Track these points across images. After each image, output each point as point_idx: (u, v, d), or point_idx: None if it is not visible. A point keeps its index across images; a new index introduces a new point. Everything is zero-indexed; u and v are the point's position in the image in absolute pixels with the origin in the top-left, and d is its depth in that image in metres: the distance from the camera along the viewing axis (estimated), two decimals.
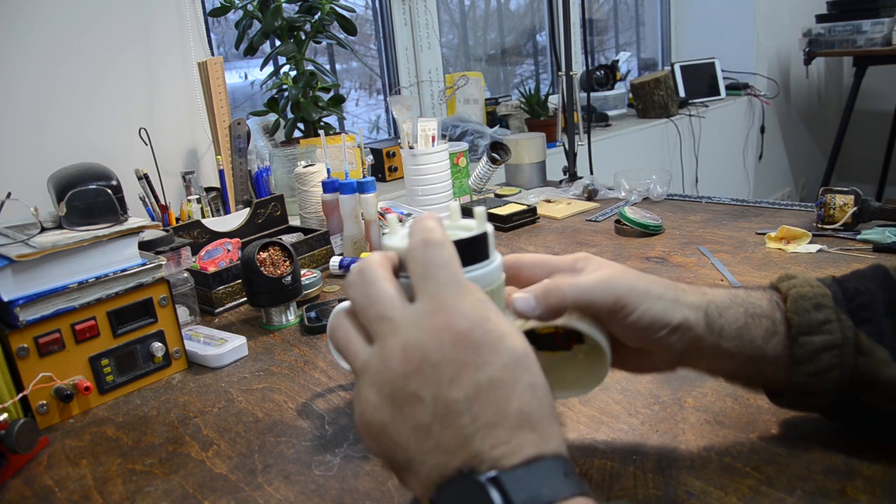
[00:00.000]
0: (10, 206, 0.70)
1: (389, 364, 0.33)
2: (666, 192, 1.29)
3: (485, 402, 0.32)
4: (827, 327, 0.42)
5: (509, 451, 0.31)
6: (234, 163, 1.31)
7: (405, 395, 0.32)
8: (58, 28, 1.21)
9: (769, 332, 0.44)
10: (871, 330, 0.42)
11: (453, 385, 0.32)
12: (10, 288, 0.64)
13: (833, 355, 0.42)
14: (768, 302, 0.45)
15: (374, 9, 2.03)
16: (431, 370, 0.32)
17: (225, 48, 1.76)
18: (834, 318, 0.43)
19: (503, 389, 0.32)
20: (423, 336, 0.33)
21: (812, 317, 0.43)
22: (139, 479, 0.56)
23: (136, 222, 0.72)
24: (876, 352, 0.41)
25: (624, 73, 2.61)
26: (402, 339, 0.33)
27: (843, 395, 0.43)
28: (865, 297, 0.43)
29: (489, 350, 0.33)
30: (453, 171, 1.29)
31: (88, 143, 1.25)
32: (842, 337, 0.42)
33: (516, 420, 0.32)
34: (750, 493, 0.46)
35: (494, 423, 0.31)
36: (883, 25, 2.66)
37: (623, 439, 0.54)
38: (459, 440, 0.31)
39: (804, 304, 0.43)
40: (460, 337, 0.33)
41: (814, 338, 0.42)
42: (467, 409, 0.32)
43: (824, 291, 0.44)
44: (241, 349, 0.78)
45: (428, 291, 0.34)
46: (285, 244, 0.86)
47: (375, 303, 0.35)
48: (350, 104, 2.07)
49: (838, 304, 0.43)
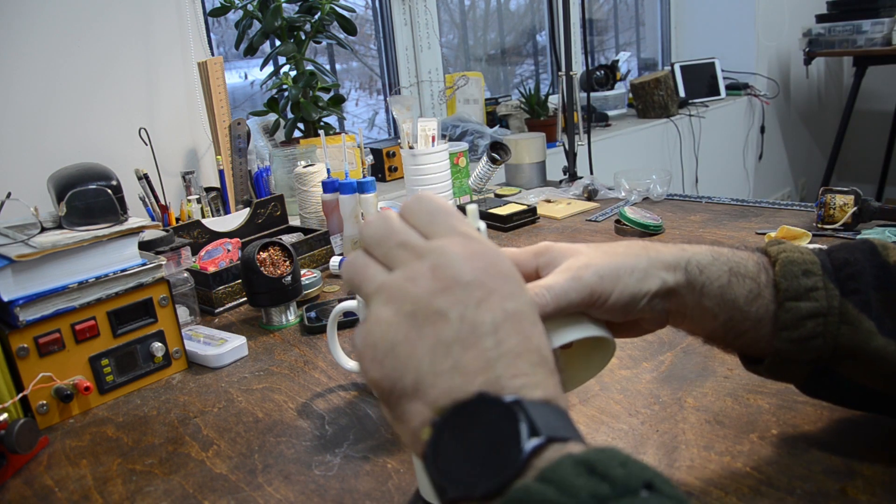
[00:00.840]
0: (10, 206, 0.70)
1: (415, 282, 0.32)
2: (666, 192, 1.29)
3: (510, 331, 0.31)
4: (814, 294, 0.42)
5: (531, 383, 0.30)
6: (234, 163, 1.31)
7: (428, 313, 0.31)
8: (58, 28, 1.21)
9: (753, 294, 0.43)
10: (858, 300, 0.41)
11: (482, 307, 0.31)
12: (10, 288, 0.64)
13: (817, 323, 0.41)
14: (754, 264, 0.44)
15: (374, 9, 2.03)
16: (461, 290, 0.31)
17: (225, 48, 1.76)
18: (821, 285, 0.42)
19: (527, 324, 0.32)
20: (455, 258, 0.32)
21: (800, 282, 0.42)
22: (139, 479, 0.56)
23: (136, 222, 0.72)
24: (862, 322, 0.41)
25: (624, 73, 2.61)
26: (431, 261, 0.32)
27: (820, 366, 0.43)
28: (853, 268, 0.42)
29: (517, 284, 0.33)
30: (453, 171, 1.29)
31: (88, 143, 1.25)
32: (827, 305, 0.41)
33: (537, 357, 0.31)
34: (750, 493, 0.46)
35: (518, 353, 0.31)
36: (883, 25, 2.66)
37: (623, 439, 0.54)
38: (481, 363, 0.30)
39: (793, 269, 0.42)
40: (492, 264, 0.33)
41: (800, 304, 0.42)
42: (493, 333, 0.31)
43: (813, 259, 0.43)
44: (241, 349, 0.78)
45: (447, 226, 0.34)
46: (285, 244, 0.86)
47: (397, 233, 0.34)
48: (350, 104, 2.07)
49: (826, 273, 0.42)
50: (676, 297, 0.43)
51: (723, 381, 0.61)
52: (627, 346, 0.71)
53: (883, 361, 0.41)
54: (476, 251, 0.33)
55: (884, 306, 0.42)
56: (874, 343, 0.41)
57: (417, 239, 0.34)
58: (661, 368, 0.65)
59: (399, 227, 0.35)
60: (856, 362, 0.42)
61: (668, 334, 0.72)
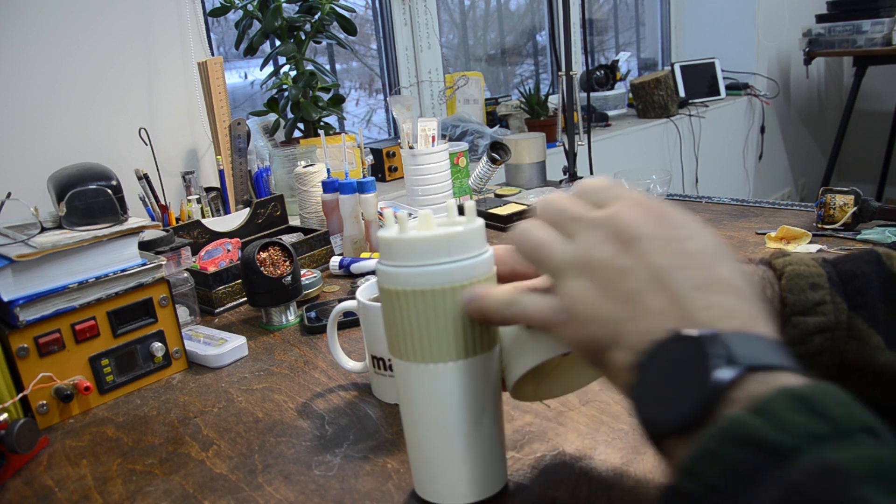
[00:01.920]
0: (10, 206, 0.70)
1: (597, 249, 0.34)
2: (666, 192, 1.29)
3: (694, 267, 0.32)
4: (821, 308, 0.41)
5: (724, 313, 0.30)
6: (234, 163, 1.31)
7: (615, 273, 0.33)
8: (58, 28, 1.21)
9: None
10: (866, 315, 0.41)
11: (660, 254, 0.32)
12: (10, 288, 0.64)
13: (825, 338, 0.40)
14: (759, 279, 0.43)
15: (374, 9, 2.03)
16: (638, 245, 0.33)
17: (225, 48, 1.76)
18: (829, 299, 0.41)
19: (710, 257, 0.32)
20: (627, 219, 0.34)
21: (807, 297, 0.41)
22: (139, 479, 0.56)
23: (136, 222, 0.72)
24: (870, 337, 0.40)
25: (624, 73, 2.61)
26: (606, 227, 0.34)
27: (828, 380, 0.43)
28: (861, 282, 0.41)
29: (694, 226, 0.34)
30: (453, 171, 1.29)
31: (88, 143, 1.25)
32: (835, 320, 0.40)
33: (725, 287, 0.31)
34: None
35: (705, 287, 0.31)
36: (883, 25, 2.66)
37: (623, 439, 0.54)
38: (669, 301, 0.31)
39: (800, 283, 0.41)
40: (664, 216, 0.34)
41: (807, 319, 0.41)
42: (677, 271, 0.32)
43: (820, 272, 0.42)
44: (241, 349, 0.78)
45: (614, 195, 0.36)
46: (285, 244, 0.86)
47: (568, 209, 0.36)
48: (350, 104, 2.07)
49: (833, 285, 0.41)
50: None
51: None
52: None
53: (891, 376, 0.40)
54: (646, 209, 0.34)
55: (891, 319, 0.41)
56: (882, 358, 0.40)
57: (591, 211, 0.36)
58: None
59: (573, 203, 0.37)
60: (862, 377, 0.41)
61: None
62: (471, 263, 0.42)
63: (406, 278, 0.42)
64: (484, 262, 0.43)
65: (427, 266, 0.42)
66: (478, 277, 0.42)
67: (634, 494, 0.47)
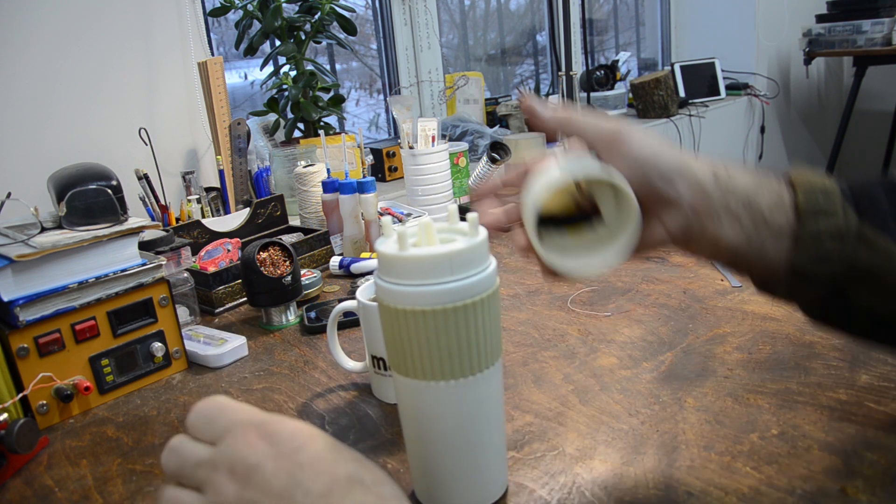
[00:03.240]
0: (10, 206, 0.70)
1: (221, 493, 0.33)
2: None
3: (312, 476, 0.32)
4: (833, 213, 0.41)
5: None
6: (234, 163, 1.31)
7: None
8: (58, 28, 1.21)
9: (776, 204, 0.42)
10: (877, 223, 0.41)
11: (278, 475, 0.32)
12: (10, 288, 0.64)
13: (836, 241, 0.41)
14: (776, 180, 0.44)
15: (374, 9, 2.03)
16: (255, 473, 0.33)
17: (225, 48, 1.76)
18: (839, 205, 0.42)
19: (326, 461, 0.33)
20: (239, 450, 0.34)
21: (819, 201, 0.42)
22: (139, 479, 0.56)
23: (136, 222, 0.72)
24: (879, 243, 0.41)
25: (624, 73, 2.61)
26: (224, 468, 0.34)
27: (834, 288, 0.43)
28: (870, 197, 0.42)
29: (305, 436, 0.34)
30: (453, 171, 1.29)
31: (88, 143, 1.25)
32: (846, 224, 0.41)
33: (346, 484, 0.32)
34: (750, 492, 0.46)
35: (327, 493, 0.32)
36: (883, 25, 2.66)
37: (623, 439, 0.54)
38: None
39: (813, 188, 0.42)
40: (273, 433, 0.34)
41: (819, 221, 0.41)
42: (297, 488, 0.32)
43: (832, 184, 0.43)
44: (241, 349, 0.78)
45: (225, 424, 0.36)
46: (285, 244, 0.86)
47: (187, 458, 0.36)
48: (350, 104, 2.07)
49: (845, 196, 0.42)
50: (702, 189, 0.42)
51: (723, 381, 0.61)
52: (627, 346, 0.71)
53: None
54: (256, 432, 0.34)
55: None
56: (893, 265, 0.40)
57: (208, 449, 0.35)
58: (661, 368, 0.65)
59: (190, 448, 0.36)
60: (871, 285, 0.41)
61: (668, 334, 0.72)
62: (473, 281, 0.41)
63: (406, 297, 0.41)
64: (487, 277, 0.42)
65: (428, 286, 0.40)
66: (481, 294, 0.41)
67: (634, 494, 0.47)
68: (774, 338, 0.69)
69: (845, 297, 0.42)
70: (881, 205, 0.42)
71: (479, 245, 0.42)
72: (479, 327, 0.42)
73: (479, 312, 0.41)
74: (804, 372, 0.61)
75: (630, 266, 0.94)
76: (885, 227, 0.41)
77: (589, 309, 0.81)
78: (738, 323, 0.73)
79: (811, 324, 0.47)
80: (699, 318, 0.75)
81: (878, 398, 0.56)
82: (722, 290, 0.82)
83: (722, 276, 0.87)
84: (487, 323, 0.42)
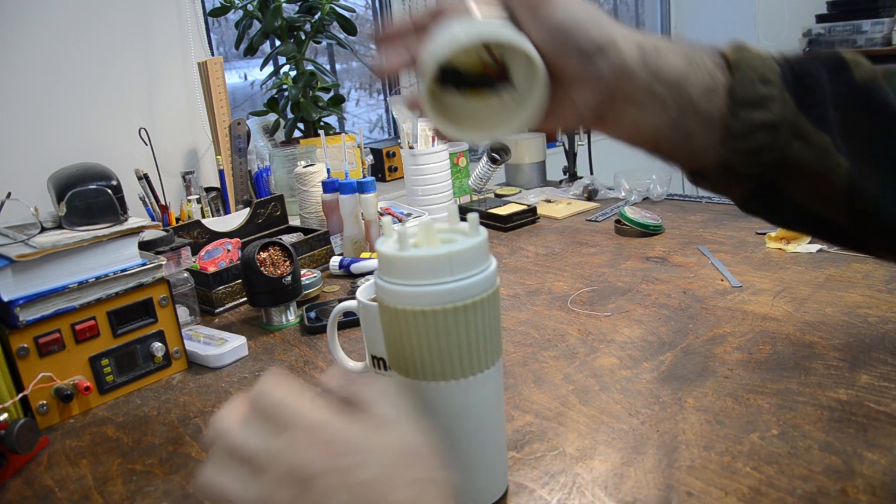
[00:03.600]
0: (10, 206, 0.70)
1: (275, 495, 0.33)
2: (666, 192, 1.29)
3: (370, 501, 0.32)
4: (768, 103, 0.38)
5: None
6: (234, 163, 1.31)
7: None
8: (58, 28, 1.21)
9: (708, 89, 0.38)
10: (815, 115, 0.38)
11: (337, 493, 0.32)
12: (10, 288, 0.64)
13: (768, 134, 0.38)
14: (712, 62, 0.39)
15: (374, 9, 2.03)
16: (314, 485, 0.32)
17: (225, 48, 1.76)
18: (777, 94, 0.38)
19: (384, 485, 0.32)
20: (300, 456, 0.33)
21: (755, 90, 0.38)
22: (139, 479, 0.56)
23: (136, 222, 0.72)
24: (815, 138, 0.38)
25: None
26: (281, 469, 0.33)
27: (765, 182, 0.40)
28: (814, 80, 0.39)
29: (364, 451, 0.33)
30: (453, 171, 1.29)
31: (88, 143, 1.25)
32: (781, 116, 0.38)
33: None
34: (750, 493, 0.46)
35: None
36: (883, 25, 2.66)
37: (623, 439, 0.54)
38: None
39: (750, 76, 0.38)
40: (334, 442, 0.33)
41: (753, 113, 0.38)
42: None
43: (773, 67, 0.39)
44: (241, 349, 0.78)
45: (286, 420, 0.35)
46: (285, 244, 0.86)
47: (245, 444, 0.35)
48: (350, 104, 2.07)
49: (786, 82, 0.38)
50: (625, 69, 0.38)
51: (723, 381, 0.61)
52: (628, 346, 0.71)
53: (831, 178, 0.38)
54: (317, 439, 0.33)
55: (842, 127, 0.38)
56: (827, 161, 0.38)
57: (267, 439, 0.34)
58: (661, 368, 0.65)
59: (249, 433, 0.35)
60: (803, 180, 0.39)
61: (668, 334, 0.72)
62: (473, 281, 0.41)
63: (406, 298, 0.40)
64: (487, 277, 0.42)
65: (428, 286, 0.40)
66: (481, 294, 0.41)
67: (634, 494, 0.47)
68: (774, 338, 0.69)
69: (777, 191, 0.40)
70: (822, 93, 0.38)
71: (479, 245, 0.42)
72: (479, 327, 0.42)
73: (479, 313, 0.41)
74: (804, 372, 0.61)
75: (630, 266, 0.94)
76: (823, 120, 0.38)
77: (589, 309, 0.81)
78: (738, 323, 0.73)
79: (744, 212, 0.43)
80: (699, 318, 0.75)
81: (878, 398, 0.56)
82: (722, 290, 0.82)
83: (722, 277, 0.87)
84: (487, 323, 0.42)
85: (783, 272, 0.86)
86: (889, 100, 0.38)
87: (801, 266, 0.87)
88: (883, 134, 0.38)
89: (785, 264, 0.89)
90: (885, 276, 0.80)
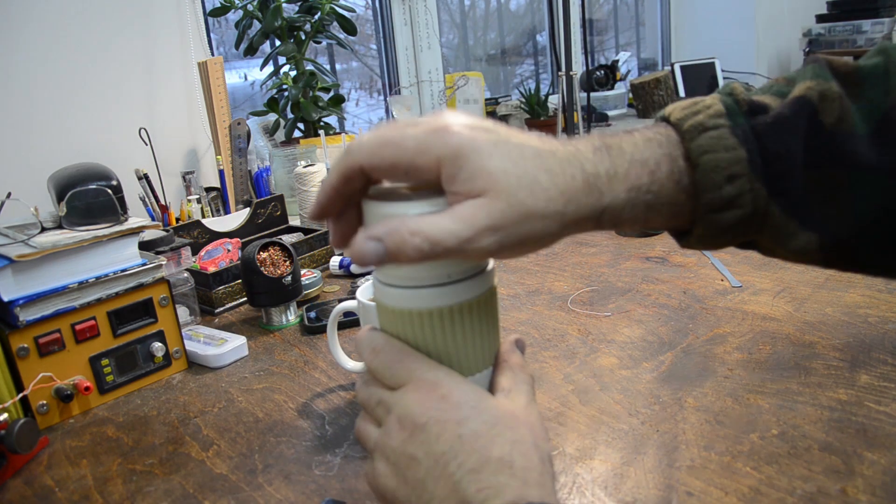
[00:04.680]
0: (10, 206, 0.70)
1: (390, 436, 0.38)
2: None
3: (468, 451, 0.35)
4: (739, 201, 0.38)
5: (493, 493, 0.34)
6: (234, 163, 1.31)
7: (405, 460, 0.37)
8: (58, 28, 1.21)
9: (672, 214, 0.39)
10: (785, 203, 0.38)
11: (440, 441, 0.36)
12: (10, 288, 0.64)
13: (740, 228, 0.39)
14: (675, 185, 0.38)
15: (374, 9, 2.03)
16: (421, 432, 0.37)
17: (225, 48, 1.76)
18: (747, 188, 0.38)
19: (483, 439, 0.36)
20: (411, 406, 0.38)
21: (724, 192, 0.38)
22: (139, 479, 0.56)
23: (136, 222, 0.72)
24: (784, 226, 0.39)
25: (624, 73, 2.61)
26: (396, 413, 0.38)
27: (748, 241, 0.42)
28: (785, 163, 0.38)
29: (470, 407, 0.37)
30: None
31: (88, 143, 1.25)
32: (752, 210, 0.38)
33: (497, 466, 0.35)
34: (750, 493, 0.46)
35: (477, 469, 0.35)
36: (883, 25, 2.66)
37: (623, 439, 0.54)
38: (450, 488, 0.35)
39: (716, 179, 0.38)
40: (445, 397, 0.38)
41: (723, 215, 0.39)
42: (453, 458, 0.35)
43: (740, 156, 0.38)
44: (241, 349, 0.78)
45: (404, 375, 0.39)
46: (285, 244, 0.86)
47: (369, 398, 0.41)
48: (350, 104, 2.07)
49: (754, 169, 0.38)
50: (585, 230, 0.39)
51: (723, 381, 0.61)
52: (628, 346, 0.71)
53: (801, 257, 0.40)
54: (429, 393, 0.38)
55: (815, 186, 0.38)
56: (793, 244, 0.39)
57: (385, 395, 0.40)
58: (661, 368, 0.65)
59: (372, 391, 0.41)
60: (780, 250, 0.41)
61: (668, 334, 0.72)
62: (472, 282, 0.40)
63: (402, 299, 0.40)
64: (486, 277, 0.41)
65: (427, 287, 0.40)
66: (479, 294, 0.41)
67: (634, 494, 0.47)
68: (774, 338, 0.69)
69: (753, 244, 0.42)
70: (795, 173, 0.38)
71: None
72: (478, 328, 0.42)
73: (478, 313, 0.41)
74: (804, 372, 0.61)
75: (630, 266, 0.94)
76: (793, 207, 0.38)
77: (589, 309, 0.81)
78: (738, 323, 0.73)
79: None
80: (699, 318, 0.75)
81: (878, 398, 0.56)
82: (722, 290, 0.82)
83: (722, 277, 0.87)
84: (486, 323, 0.42)
85: (783, 272, 0.86)
86: (854, 147, 0.38)
87: (801, 266, 0.87)
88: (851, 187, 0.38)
89: (785, 264, 0.89)
90: None
